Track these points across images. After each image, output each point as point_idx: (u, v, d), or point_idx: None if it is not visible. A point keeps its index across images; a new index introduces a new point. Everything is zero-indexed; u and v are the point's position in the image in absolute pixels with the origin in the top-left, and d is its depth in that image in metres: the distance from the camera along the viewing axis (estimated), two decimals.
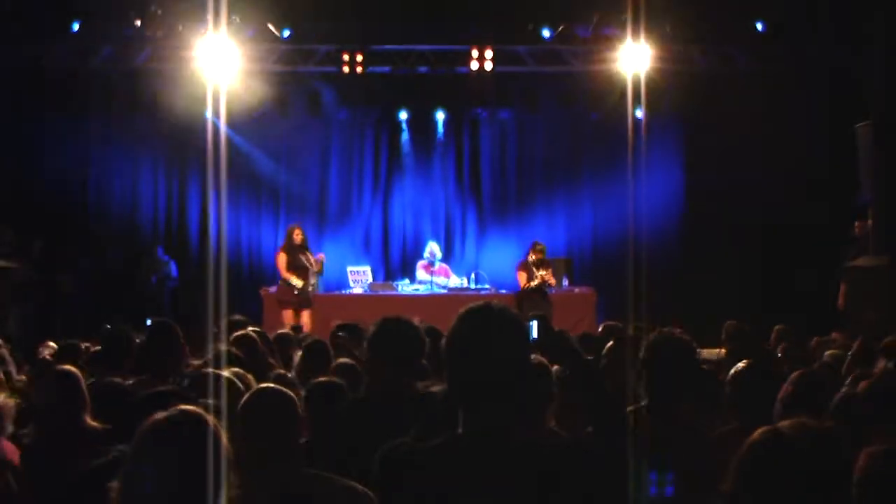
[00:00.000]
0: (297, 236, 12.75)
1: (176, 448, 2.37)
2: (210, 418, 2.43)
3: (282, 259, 12.73)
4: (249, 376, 4.48)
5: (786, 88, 13.89)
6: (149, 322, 8.76)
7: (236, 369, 4.46)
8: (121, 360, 5.92)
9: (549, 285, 13.28)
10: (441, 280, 13.69)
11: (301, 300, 12.58)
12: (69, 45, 14.15)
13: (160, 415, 2.42)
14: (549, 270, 13.32)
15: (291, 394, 3.50)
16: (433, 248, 14.11)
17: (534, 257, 13.32)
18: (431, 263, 13.90)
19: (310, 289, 12.68)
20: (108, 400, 4.40)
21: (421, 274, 13.83)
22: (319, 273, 13.01)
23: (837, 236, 12.58)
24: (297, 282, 12.49)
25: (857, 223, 12.14)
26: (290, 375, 5.45)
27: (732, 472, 2.93)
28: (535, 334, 2.82)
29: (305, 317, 12.47)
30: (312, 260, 12.72)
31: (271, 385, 3.61)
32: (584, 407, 2.80)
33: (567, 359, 2.79)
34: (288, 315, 12.42)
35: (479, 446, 2.38)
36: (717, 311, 9.97)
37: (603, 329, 7.81)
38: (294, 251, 12.65)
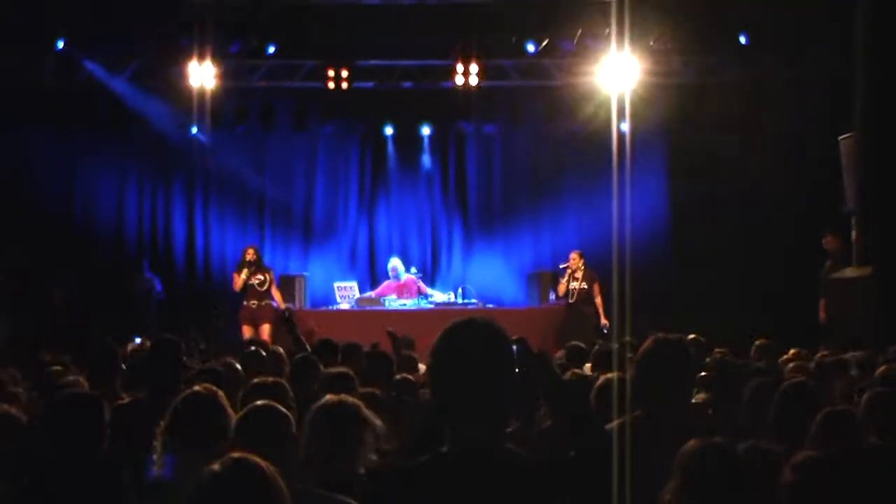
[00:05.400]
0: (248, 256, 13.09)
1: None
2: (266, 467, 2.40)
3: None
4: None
5: (769, 100, 13.96)
6: (138, 339, 8.74)
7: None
8: (110, 376, 5.89)
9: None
10: (409, 301, 13.56)
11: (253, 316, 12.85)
12: (54, 60, 14.15)
13: (215, 466, 2.37)
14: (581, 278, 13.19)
15: (285, 411, 3.53)
16: (395, 263, 14.05)
17: (570, 266, 13.25)
18: (398, 277, 13.86)
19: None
20: None
21: (394, 298, 13.69)
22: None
23: (821, 248, 12.62)
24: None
25: (827, 237, 12.18)
26: None
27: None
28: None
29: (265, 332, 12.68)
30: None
31: (266, 402, 3.64)
32: (563, 429, 2.79)
33: (546, 382, 2.78)
34: (247, 331, 12.65)
35: (465, 463, 2.38)
36: (702, 323, 10.01)
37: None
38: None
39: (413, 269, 14.28)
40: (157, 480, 3.54)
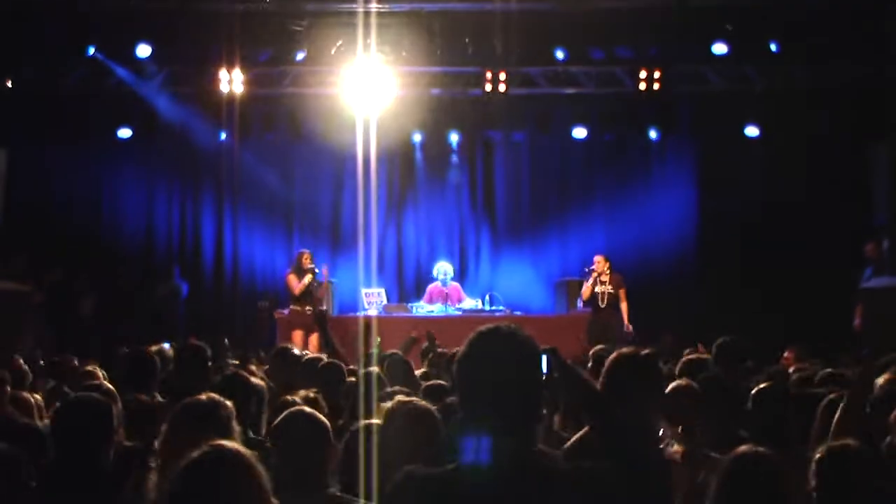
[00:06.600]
0: (306, 261, 12.89)
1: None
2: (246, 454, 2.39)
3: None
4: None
5: (799, 109, 13.85)
6: (167, 345, 8.77)
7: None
8: (147, 382, 5.90)
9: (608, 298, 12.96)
10: (436, 308, 13.45)
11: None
12: (84, 68, 14.26)
13: (196, 453, 2.36)
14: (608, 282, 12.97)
15: (324, 419, 3.49)
16: (446, 267, 13.99)
17: (595, 269, 13.09)
18: (444, 283, 13.82)
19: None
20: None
21: (432, 303, 13.63)
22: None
23: (853, 256, 12.53)
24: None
25: (868, 245, 12.13)
26: None
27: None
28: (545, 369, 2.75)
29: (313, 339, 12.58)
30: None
31: (304, 408, 3.61)
32: (596, 440, 2.76)
33: (579, 394, 2.75)
34: (297, 336, 12.52)
35: (492, 472, 2.36)
36: (731, 332, 9.91)
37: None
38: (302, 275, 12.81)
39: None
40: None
